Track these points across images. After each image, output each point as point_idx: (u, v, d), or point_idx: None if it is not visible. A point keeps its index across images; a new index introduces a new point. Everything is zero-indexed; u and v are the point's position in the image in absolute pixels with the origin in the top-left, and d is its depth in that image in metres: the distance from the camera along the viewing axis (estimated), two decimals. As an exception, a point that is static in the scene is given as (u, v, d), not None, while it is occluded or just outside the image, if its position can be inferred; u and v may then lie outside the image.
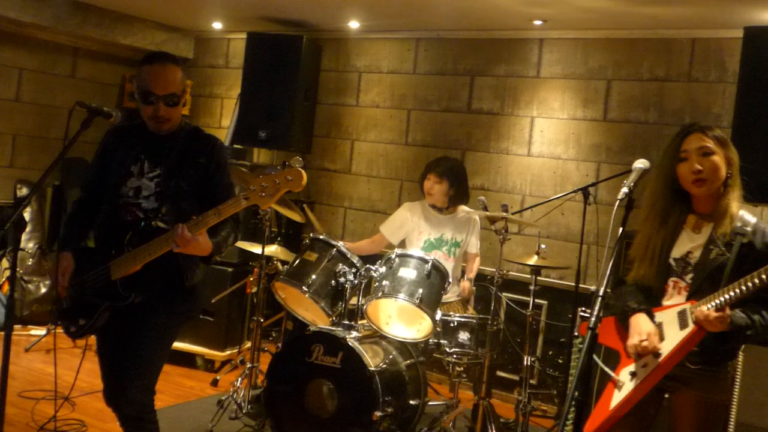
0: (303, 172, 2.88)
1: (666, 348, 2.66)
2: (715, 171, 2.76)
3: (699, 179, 2.74)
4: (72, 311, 3.18)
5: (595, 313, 2.14)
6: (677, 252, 2.82)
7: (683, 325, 2.65)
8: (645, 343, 2.66)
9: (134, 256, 3.05)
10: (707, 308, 2.56)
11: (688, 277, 2.77)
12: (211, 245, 3.06)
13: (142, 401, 3.18)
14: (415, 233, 5.00)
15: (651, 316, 2.74)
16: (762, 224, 2.78)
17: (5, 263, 6.54)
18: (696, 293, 2.72)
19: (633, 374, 2.74)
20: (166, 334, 3.27)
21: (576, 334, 4.41)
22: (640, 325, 2.73)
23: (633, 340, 2.71)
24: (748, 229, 2.73)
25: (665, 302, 2.80)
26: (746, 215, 2.79)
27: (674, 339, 2.65)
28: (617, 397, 2.75)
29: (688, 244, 2.81)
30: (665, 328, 2.72)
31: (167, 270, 3.11)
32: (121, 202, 3.16)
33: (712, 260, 2.72)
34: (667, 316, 2.74)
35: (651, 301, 2.81)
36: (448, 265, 4.75)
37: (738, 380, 2.79)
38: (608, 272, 2.24)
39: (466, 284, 4.88)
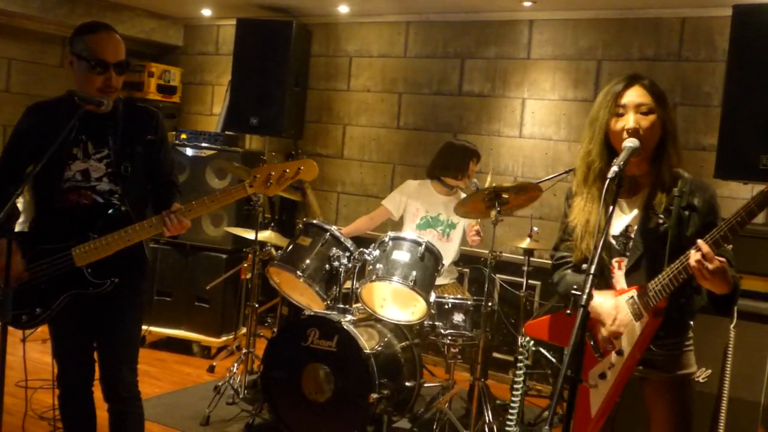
0: (314, 162, 3.07)
1: (627, 344, 2.55)
2: (651, 131, 2.55)
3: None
4: (20, 301, 3.01)
5: (587, 291, 2.13)
6: (615, 228, 2.64)
7: (637, 315, 2.53)
8: (619, 329, 2.54)
9: (106, 244, 2.99)
10: (701, 249, 2.30)
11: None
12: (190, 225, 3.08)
13: (134, 381, 3.24)
14: (413, 209, 5.05)
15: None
16: (698, 180, 2.61)
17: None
18: (633, 269, 2.58)
19: (602, 375, 2.62)
20: (141, 312, 3.33)
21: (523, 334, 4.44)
22: (602, 308, 2.57)
23: (604, 331, 2.57)
24: (685, 189, 2.56)
25: (616, 285, 2.64)
26: (680, 172, 2.61)
27: (633, 333, 2.54)
28: (596, 402, 2.63)
29: (625, 217, 2.64)
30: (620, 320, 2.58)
31: (132, 251, 3.07)
32: (66, 186, 3.05)
33: (651, 230, 2.56)
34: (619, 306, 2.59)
35: (600, 287, 2.60)
36: (444, 245, 4.78)
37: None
38: (599, 251, 2.23)
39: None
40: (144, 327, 5.04)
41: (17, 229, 3.21)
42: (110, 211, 3.06)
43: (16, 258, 2.95)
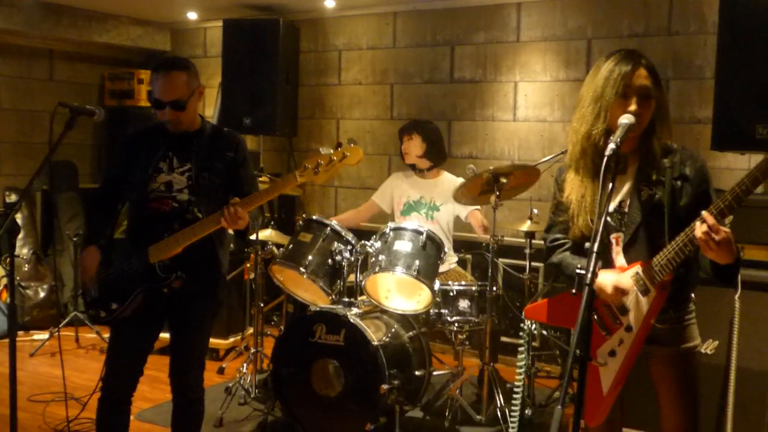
0: (359, 148, 3.25)
1: (635, 319, 2.56)
2: (648, 113, 2.56)
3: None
4: (102, 298, 3.33)
5: (591, 269, 2.14)
6: (610, 205, 2.57)
7: (644, 291, 2.54)
8: (622, 294, 2.54)
9: (175, 240, 3.23)
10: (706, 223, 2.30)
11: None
12: (248, 220, 3.27)
13: (198, 384, 3.49)
14: (397, 198, 5.13)
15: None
16: (687, 150, 2.64)
17: (1, 271, 6.53)
18: (630, 244, 2.60)
19: (612, 353, 2.62)
20: (213, 320, 3.54)
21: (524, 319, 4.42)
22: (603, 282, 2.54)
23: (610, 297, 2.56)
24: (676, 159, 2.59)
25: (615, 261, 2.62)
26: (669, 144, 2.63)
27: (640, 308, 2.55)
28: (607, 380, 2.64)
29: (618, 192, 2.64)
30: (625, 297, 2.58)
31: (205, 256, 3.34)
32: (152, 196, 3.33)
33: (645, 202, 2.58)
34: None
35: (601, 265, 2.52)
36: (429, 228, 4.76)
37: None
38: (601, 228, 2.23)
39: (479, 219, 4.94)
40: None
41: (18, 244, 3.29)
42: (187, 215, 3.31)
43: (94, 262, 3.34)
